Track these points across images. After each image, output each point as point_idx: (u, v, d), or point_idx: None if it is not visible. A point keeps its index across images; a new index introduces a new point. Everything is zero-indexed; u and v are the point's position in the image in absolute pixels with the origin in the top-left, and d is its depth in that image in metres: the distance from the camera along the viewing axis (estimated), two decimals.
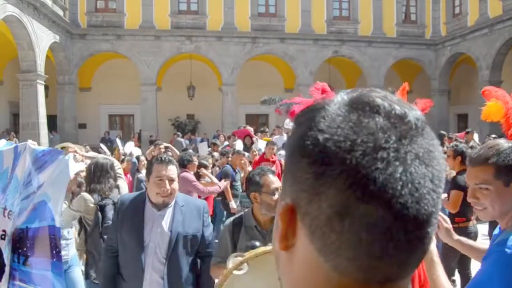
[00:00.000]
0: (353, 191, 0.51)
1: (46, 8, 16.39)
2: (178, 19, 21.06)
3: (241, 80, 21.13)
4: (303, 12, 21.63)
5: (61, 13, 18.42)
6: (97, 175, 3.71)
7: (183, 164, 6.15)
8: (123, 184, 4.09)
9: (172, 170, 2.75)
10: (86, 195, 3.62)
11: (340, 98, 0.59)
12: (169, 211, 2.78)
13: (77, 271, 3.86)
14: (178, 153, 9.03)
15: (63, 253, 3.70)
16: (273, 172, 2.73)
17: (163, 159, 2.77)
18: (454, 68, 22.63)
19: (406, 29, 22.69)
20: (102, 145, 9.22)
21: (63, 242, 3.79)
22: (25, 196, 3.53)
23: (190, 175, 6.12)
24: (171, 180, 2.74)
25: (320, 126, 0.55)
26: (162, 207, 2.75)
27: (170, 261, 2.71)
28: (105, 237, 3.32)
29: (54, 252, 3.25)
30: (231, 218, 2.87)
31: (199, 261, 2.93)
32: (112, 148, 9.26)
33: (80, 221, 3.88)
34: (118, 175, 3.94)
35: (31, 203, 3.42)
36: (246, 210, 2.86)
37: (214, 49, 20.89)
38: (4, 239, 3.71)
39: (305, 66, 21.48)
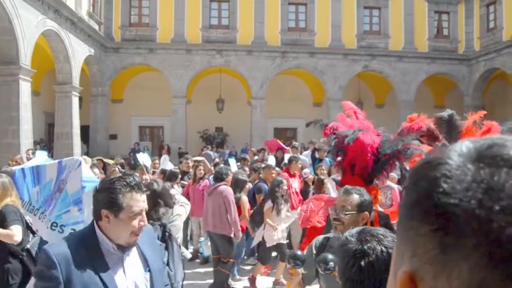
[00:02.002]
0: (496, 268, 0.42)
1: (83, 23, 16.91)
2: (209, 34, 21.36)
3: (270, 94, 21.19)
4: (333, 26, 21.62)
5: (96, 27, 18.97)
6: (157, 202, 3.63)
7: (220, 177, 6.15)
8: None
9: (145, 199, 2.10)
10: None
11: (465, 149, 0.49)
12: (133, 249, 2.08)
13: None
14: (209, 166, 9.07)
15: None
16: (349, 192, 2.67)
17: (138, 185, 2.01)
18: (488, 83, 22.12)
19: (438, 44, 22.35)
20: (138, 156, 9.27)
21: None
22: (81, 219, 3.62)
23: (231, 190, 6.12)
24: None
25: (443, 188, 0.46)
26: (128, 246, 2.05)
27: None
28: None
29: None
30: (319, 238, 2.77)
31: None
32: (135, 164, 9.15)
33: None
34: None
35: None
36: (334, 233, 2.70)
37: (244, 63, 21.07)
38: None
39: (335, 80, 21.39)
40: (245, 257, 7.82)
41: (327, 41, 21.60)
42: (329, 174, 7.87)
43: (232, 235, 5.93)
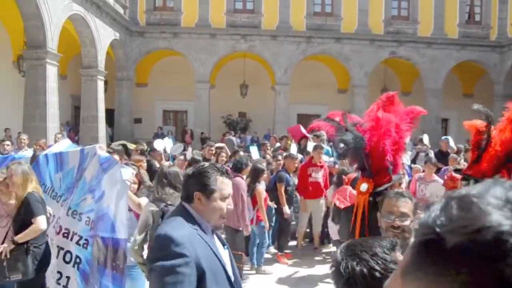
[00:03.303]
0: None
1: (108, 7, 16.99)
2: (234, 18, 21.21)
3: (294, 80, 20.99)
4: (360, 11, 21.15)
5: (121, 11, 19.05)
6: (159, 184, 3.75)
7: (238, 168, 6.08)
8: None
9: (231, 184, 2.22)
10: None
11: (499, 193, 0.44)
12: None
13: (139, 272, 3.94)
14: (229, 152, 9.06)
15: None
16: (403, 196, 2.46)
17: (226, 171, 2.17)
18: None
19: (469, 30, 21.63)
20: (156, 142, 9.28)
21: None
22: (93, 207, 3.65)
23: (244, 183, 6.04)
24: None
25: None
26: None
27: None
28: None
29: (114, 264, 3.32)
30: None
31: None
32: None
33: None
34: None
35: (97, 214, 3.53)
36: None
37: (268, 48, 20.88)
38: (67, 237, 3.85)
39: (360, 67, 21.02)
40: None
41: (353, 26, 21.18)
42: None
43: (240, 229, 5.90)
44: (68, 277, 3.82)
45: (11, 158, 6.06)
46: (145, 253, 3.54)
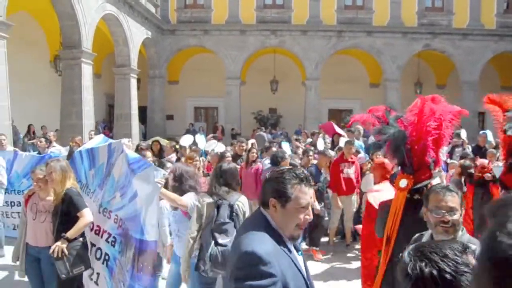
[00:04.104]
0: None
1: (140, 6, 17.26)
2: (264, 14, 21.16)
3: (325, 75, 20.78)
4: (392, 3, 20.71)
5: (153, 10, 19.32)
6: (214, 179, 3.84)
7: (277, 161, 6.08)
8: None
9: (312, 193, 2.18)
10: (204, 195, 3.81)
11: None
12: None
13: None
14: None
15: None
16: (450, 191, 2.39)
17: (307, 178, 1.99)
18: None
19: (508, 20, 20.83)
20: (182, 139, 9.30)
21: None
22: (123, 204, 3.70)
23: None
24: None
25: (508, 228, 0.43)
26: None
27: None
28: (215, 234, 3.48)
29: (142, 265, 3.37)
30: (415, 236, 2.56)
31: None
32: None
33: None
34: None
35: (130, 214, 3.57)
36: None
37: (299, 43, 20.74)
38: (98, 234, 3.93)
39: (393, 60, 20.60)
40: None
41: (385, 19, 20.77)
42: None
43: None
44: (98, 273, 3.90)
45: (48, 157, 6.27)
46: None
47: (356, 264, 6.41)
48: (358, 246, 7.45)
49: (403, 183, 3.11)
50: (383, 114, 3.44)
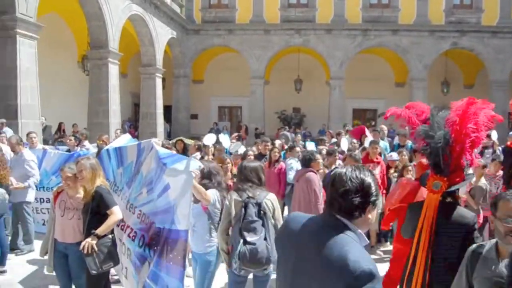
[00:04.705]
0: None
1: (165, 6, 17.46)
2: (288, 13, 21.11)
3: (349, 74, 20.59)
4: (419, 1, 20.37)
5: (178, 10, 19.51)
6: (240, 177, 3.85)
7: (308, 161, 6.01)
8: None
9: None
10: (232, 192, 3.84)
11: None
12: None
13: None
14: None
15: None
16: None
17: None
18: None
19: None
20: (205, 138, 9.30)
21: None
22: (150, 199, 3.74)
23: (316, 178, 5.92)
24: None
25: None
26: None
27: None
28: (244, 232, 3.50)
29: (171, 255, 3.40)
30: (473, 247, 2.47)
31: None
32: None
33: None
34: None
35: (162, 207, 3.60)
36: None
37: (323, 42, 20.61)
38: (122, 229, 4.00)
39: (419, 59, 20.26)
40: None
41: (412, 17, 20.44)
42: (410, 160, 7.51)
43: None
44: (126, 268, 3.97)
45: (76, 155, 6.41)
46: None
47: (381, 267, 6.33)
48: (383, 248, 7.36)
49: (436, 185, 3.01)
50: (420, 112, 3.33)
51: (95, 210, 3.82)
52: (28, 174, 6.34)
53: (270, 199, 3.72)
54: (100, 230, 3.75)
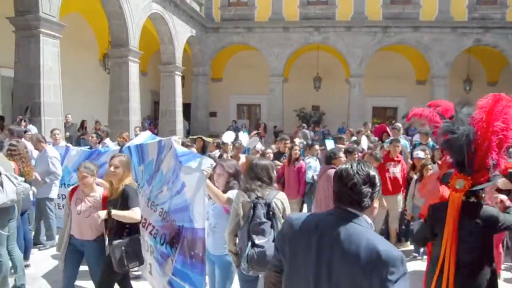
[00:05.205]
0: None
1: (185, 4, 17.55)
2: (307, 10, 21.00)
3: (369, 71, 20.39)
4: None
5: (197, 8, 19.59)
6: (250, 176, 3.67)
7: (328, 160, 5.99)
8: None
9: None
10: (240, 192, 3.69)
11: None
12: None
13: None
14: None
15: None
16: None
17: None
18: None
19: None
20: (225, 135, 9.30)
21: None
22: (169, 196, 3.77)
23: None
24: None
25: None
26: None
27: None
28: (253, 235, 3.35)
29: (193, 253, 3.42)
30: None
31: None
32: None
33: None
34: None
35: (179, 205, 3.63)
36: None
37: (343, 40, 20.45)
38: (144, 226, 4.03)
39: (441, 56, 19.93)
40: None
41: (433, 14, 20.12)
42: (432, 159, 7.39)
43: None
44: (150, 264, 4.01)
45: (97, 152, 6.49)
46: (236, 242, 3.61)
47: None
48: (403, 248, 7.28)
49: (460, 184, 2.93)
50: (444, 110, 3.24)
51: (121, 208, 3.81)
52: (49, 170, 6.45)
53: (280, 199, 3.56)
54: (115, 212, 3.70)
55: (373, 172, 1.85)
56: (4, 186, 4.80)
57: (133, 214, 3.76)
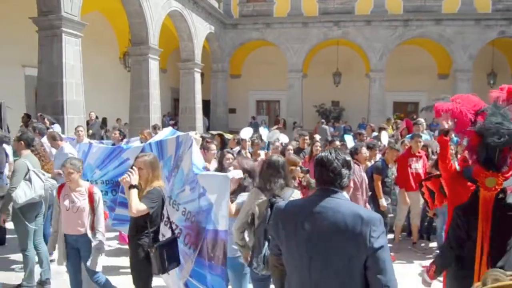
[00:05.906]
0: None
1: (204, 1, 17.60)
2: (326, 5, 20.82)
3: (389, 66, 20.11)
4: None
5: (216, 5, 19.62)
6: (267, 174, 3.58)
7: (352, 155, 6.02)
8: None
9: None
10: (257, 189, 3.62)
11: None
12: None
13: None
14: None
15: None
16: None
17: None
18: None
19: None
20: (242, 131, 9.30)
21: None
22: (193, 198, 3.78)
23: (357, 169, 6.01)
24: None
25: None
26: None
27: None
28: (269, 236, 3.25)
29: (213, 255, 3.42)
30: None
31: None
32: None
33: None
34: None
35: (203, 206, 3.64)
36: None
37: (363, 34, 20.21)
38: (166, 225, 4.05)
39: (464, 49, 19.52)
40: None
41: (456, 6, 19.70)
42: (456, 154, 7.26)
43: None
44: None
45: (119, 149, 6.55)
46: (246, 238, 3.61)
47: (422, 263, 6.18)
48: (424, 245, 7.19)
49: (491, 182, 2.84)
50: (472, 104, 3.14)
51: None
52: None
53: (295, 197, 3.43)
54: (134, 189, 3.50)
55: (348, 158, 2.18)
56: (33, 182, 4.93)
57: (142, 206, 3.50)
